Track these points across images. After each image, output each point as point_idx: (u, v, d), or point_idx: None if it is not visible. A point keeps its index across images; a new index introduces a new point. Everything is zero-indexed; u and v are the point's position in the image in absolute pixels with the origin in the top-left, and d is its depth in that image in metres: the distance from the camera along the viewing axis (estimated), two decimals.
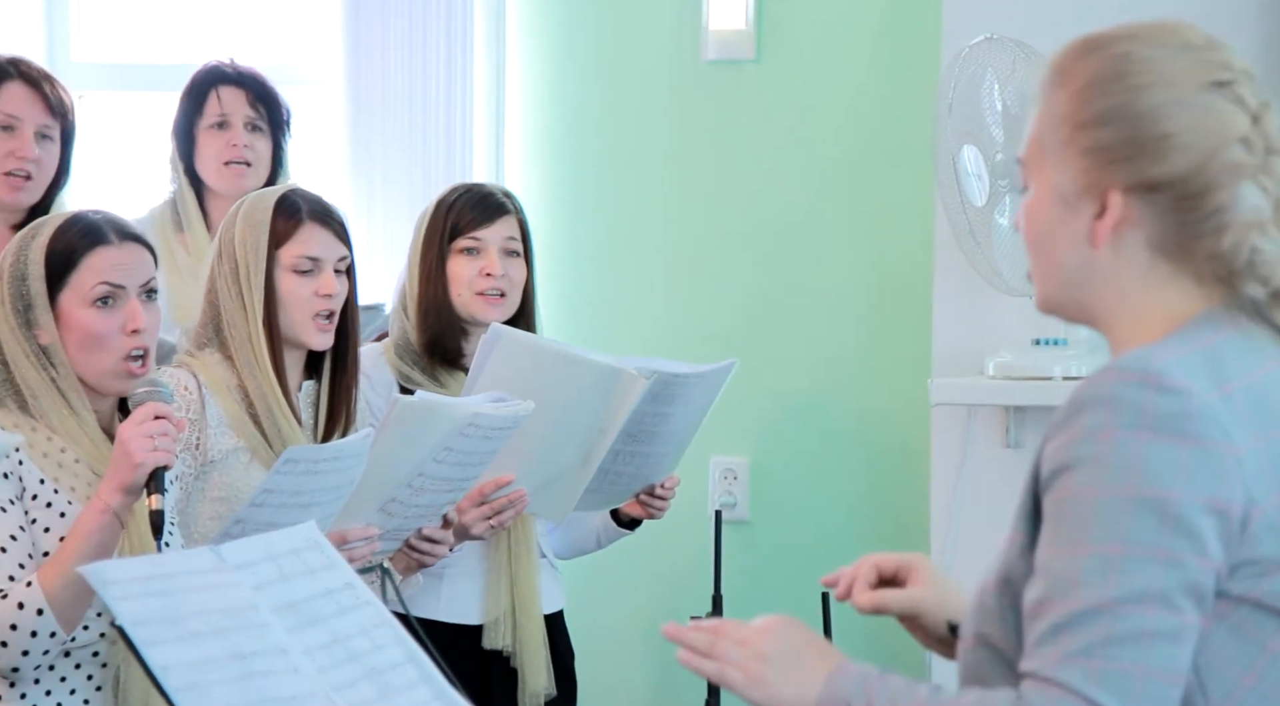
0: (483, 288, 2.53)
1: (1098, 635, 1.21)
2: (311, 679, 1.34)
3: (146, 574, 1.33)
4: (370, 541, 2.18)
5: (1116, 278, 1.33)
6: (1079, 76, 1.35)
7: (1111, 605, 1.21)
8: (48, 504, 1.96)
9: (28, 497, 1.95)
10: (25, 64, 2.66)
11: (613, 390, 2.41)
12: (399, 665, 1.43)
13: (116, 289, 2.00)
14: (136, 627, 1.27)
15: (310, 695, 1.32)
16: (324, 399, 2.31)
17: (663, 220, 3.47)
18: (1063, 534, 1.25)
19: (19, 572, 1.91)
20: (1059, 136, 1.35)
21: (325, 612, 1.42)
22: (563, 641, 2.68)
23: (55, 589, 1.87)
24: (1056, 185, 1.35)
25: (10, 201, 2.61)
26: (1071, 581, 1.23)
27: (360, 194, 3.40)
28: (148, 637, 1.27)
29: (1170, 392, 1.25)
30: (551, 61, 3.48)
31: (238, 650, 1.32)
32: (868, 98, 3.39)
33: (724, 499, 3.39)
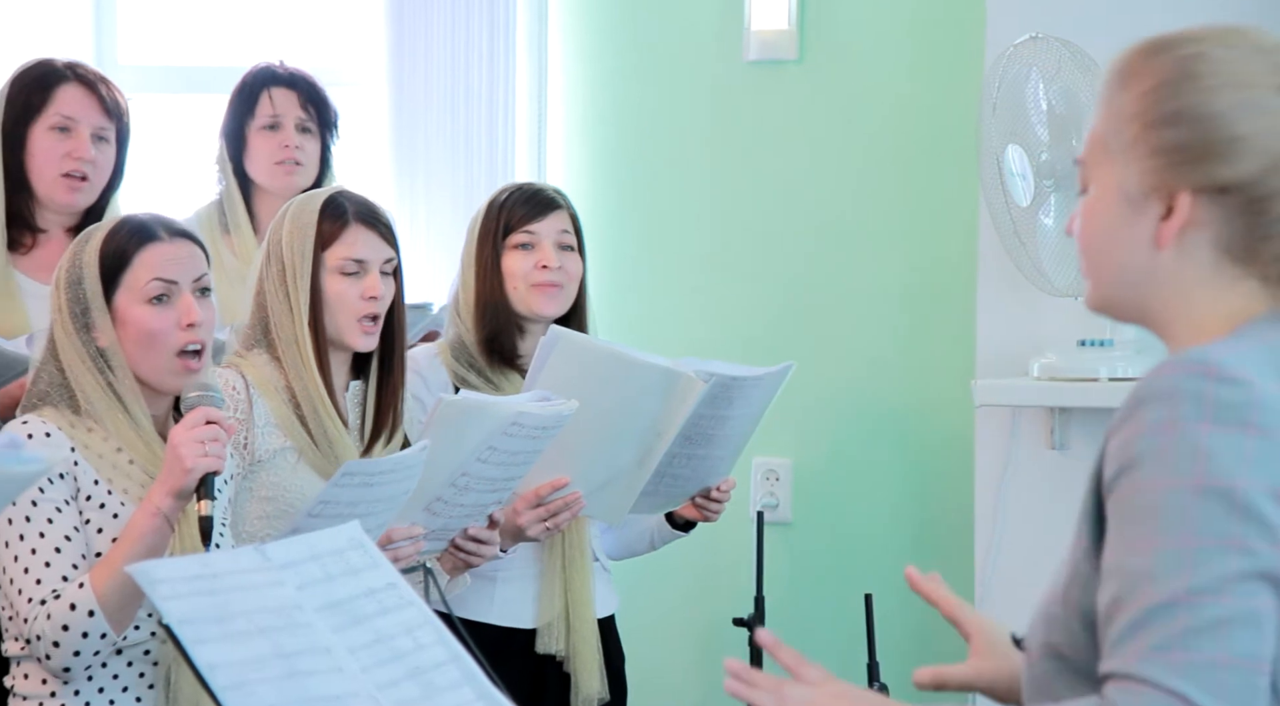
0: (539, 280, 2.54)
1: (1176, 628, 1.20)
2: (355, 678, 1.35)
3: (193, 573, 1.34)
4: (415, 541, 2.18)
5: (1179, 279, 1.33)
6: (1148, 77, 1.34)
7: (1187, 597, 1.21)
8: (101, 505, 1.98)
9: (81, 498, 1.97)
10: (81, 67, 2.69)
11: (670, 393, 2.41)
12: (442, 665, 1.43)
13: (169, 284, 2.02)
14: (183, 626, 1.28)
15: (354, 694, 1.33)
16: (370, 400, 2.32)
17: (704, 221, 3.46)
18: (1131, 531, 1.24)
19: (72, 573, 1.93)
20: (1125, 136, 1.34)
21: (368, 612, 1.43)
22: (614, 645, 2.67)
23: (106, 590, 1.89)
24: (1121, 185, 1.34)
25: (67, 203, 2.64)
26: (1144, 576, 1.22)
27: (403, 194, 3.41)
28: (194, 636, 1.28)
29: (1231, 383, 1.24)
30: (593, 63, 3.48)
31: (282, 649, 1.32)
32: (911, 98, 3.38)
33: (766, 500, 3.38)
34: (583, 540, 2.59)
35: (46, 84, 2.63)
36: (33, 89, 2.63)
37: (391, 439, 2.32)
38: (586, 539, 2.60)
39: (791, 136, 3.42)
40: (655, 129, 3.47)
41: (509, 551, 2.45)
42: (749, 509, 3.30)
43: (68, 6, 3.61)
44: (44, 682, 1.96)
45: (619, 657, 2.69)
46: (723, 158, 3.44)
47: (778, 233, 3.43)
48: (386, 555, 1.58)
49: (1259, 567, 1.22)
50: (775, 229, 3.43)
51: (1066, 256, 2.91)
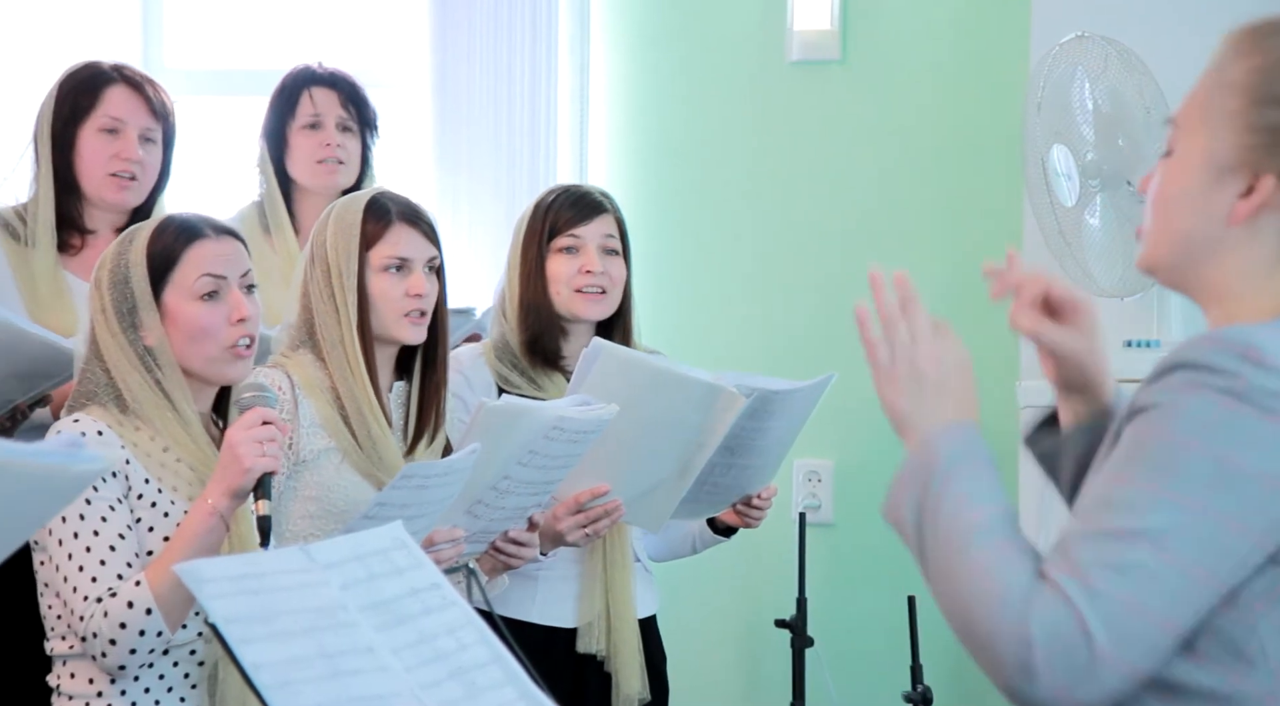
0: (582, 284, 2.54)
1: (1109, 558, 1.24)
2: (399, 677, 1.35)
3: (239, 573, 1.35)
4: (457, 543, 2.19)
5: (1242, 256, 1.33)
6: (1267, 53, 1.33)
7: (1131, 535, 1.24)
8: (152, 503, 1.99)
9: (133, 496, 1.98)
10: (128, 69, 2.71)
11: (712, 406, 2.41)
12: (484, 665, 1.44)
13: (219, 280, 2.03)
14: (229, 625, 1.29)
15: (397, 694, 1.34)
16: (414, 399, 2.33)
17: (747, 222, 3.46)
18: (1120, 463, 1.28)
19: (126, 571, 1.94)
20: (1229, 105, 1.33)
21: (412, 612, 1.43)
22: (655, 645, 2.68)
23: (163, 588, 1.90)
24: (1210, 153, 1.34)
25: (115, 203, 2.66)
26: (1108, 503, 1.26)
27: (446, 196, 3.42)
28: (240, 635, 1.29)
29: (1268, 370, 1.25)
30: (635, 63, 3.48)
31: (326, 648, 1.33)
32: (954, 98, 3.36)
33: (808, 501, 3.38)
34: (624, 541, 2.59)
35: (94, 86, 2.66)
36: (81, 91, 2.65)
37: (434, 438, 2.33)
38: (628, 539, 2.61)
39: (834, 137, 3.41)
40: (697, 130, 3.46)
41: (549, 555, 2.45)
42: (791, 510, 3.30)
43: (116, 11, 3.64)
44: (90, 682, 1.97)
45: (660, 658, 2.69)
46: (765, 159, 3.44)
47: (820, 233, 3.42)
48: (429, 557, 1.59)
49: (1214, 541, 1.23)
50: (817, 229, 3.42)
51: (1113, 257, 2.89)
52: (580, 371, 2.37)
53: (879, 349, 1.41)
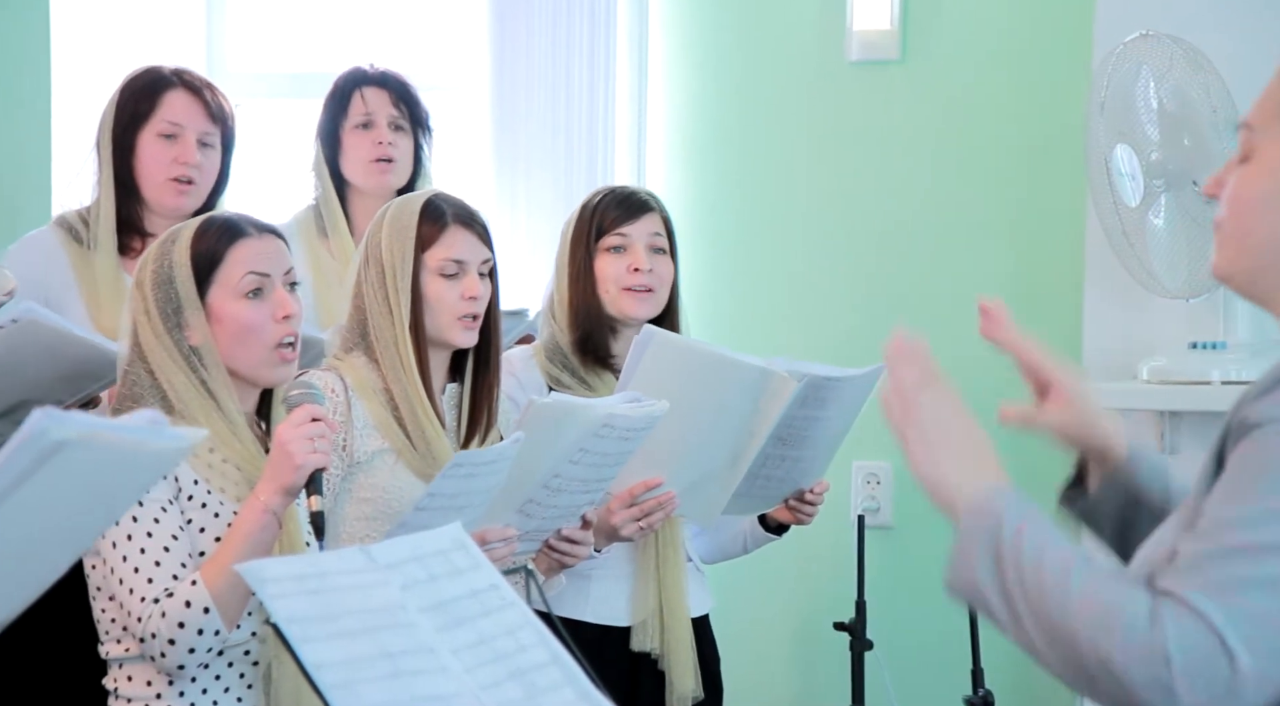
0: (630, 283, 2.54)
1: (1240, 573, 1.22)
2: (459, 678, 1.35)
3: (301, 572, 1.36)
4: (509, 542, 2.19)
5: None
6: None
7: (1261, 549, 1.22)
8: (202, 504, 2.00)
9: (183, 498, 1.99)
10: (188, 73, 2.73)
11: (762, 392, 2.39)
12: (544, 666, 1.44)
13: (263, 278, 2.03)
14: (291, 625, 1.30)
15: (458, 694, 1.34)
16: (466, 400, 2.33)
17: (805, 222, 3.44)
18: (1233, 484, 1.26)
19: (181, 572, 1.95)
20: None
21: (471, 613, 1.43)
22: (709, 644, 2.67)
23: (219, 587, 1.91)
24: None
25: (174, 207, 2.68)
26: (1229, 522, 1.24)
27: (504, 197, 3.43)
28: (302, 635, 1.29)
29: None
30: (694, 64, 3.48)
31: (387, 649, 1.33)
32: (1016, 97, 3.33)
33: (867, 503, 3.36)
34: (676, 539, 2.59)
35: (154, 91, 2.68)
36: (141, 96, 2.68)
37: (486, 438, 2.33)
38: (680, 537, 2.60)
39: (894, 137, 3.39)
40: (756, 131, 3.45)
41: (603, 551, 2.45)
42: (849, 512, 3.28)
43: (180, 16, 3.68)
44: (149, 684, 1.97)
45: (714, 657, 2.68)
46: (824, 159, 3.42)
47: (879, 234, 3.40)
48: None
49: None
50: (877, 231, 3.40)
51: (1177, 258, 2.86)
52: (631, 359, 2.36)
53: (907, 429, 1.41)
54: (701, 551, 2.72)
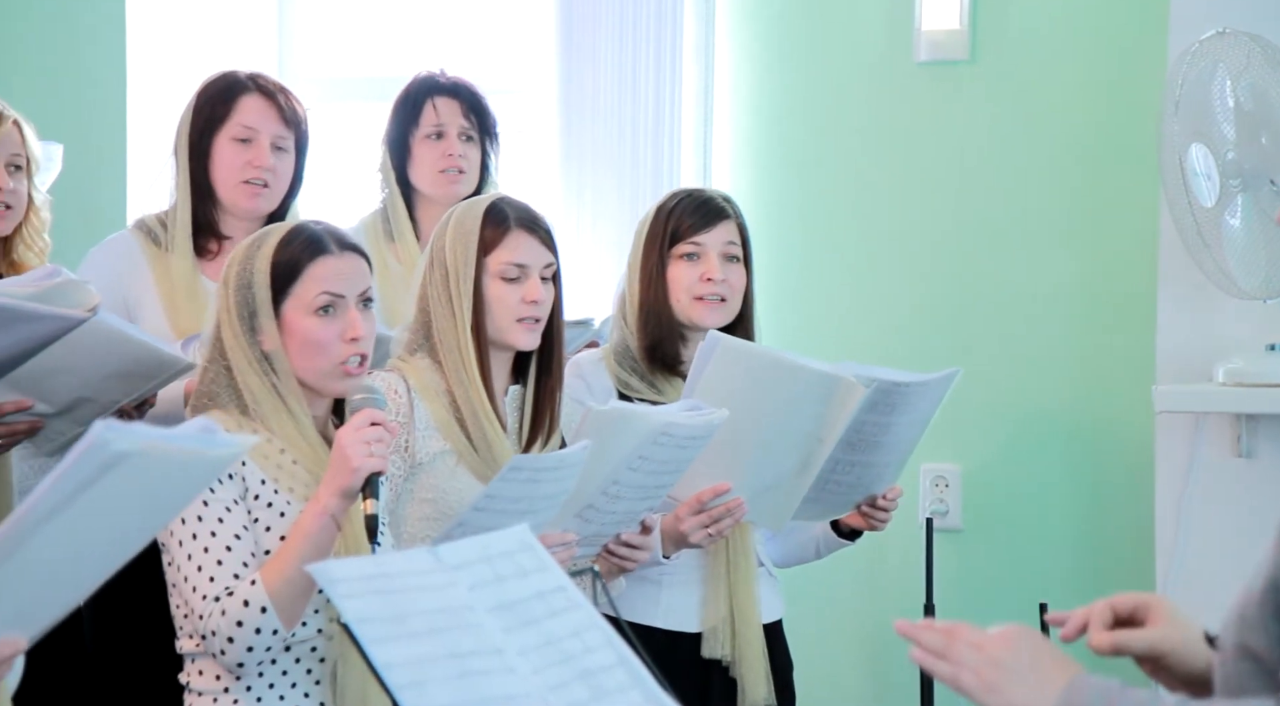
0: (703, 293, 2.53)
1: None
2: (526, 679, 1.35)
3: (370, 573, 1.37)
4: (569, 546, 2.19)
5: None
6: None
7: None
8: (268, 504, 2.02)
9: (249, 497, 2.02)
10: (262, 77, 2.76)
11: (831, 397, 2.38)
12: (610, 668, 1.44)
13: (336, 298, 2.06)
14: (361, 625, 1.31)
15: (526, 695, 1.34)
16: (529, 403, 2.34)
17: (874, 224, 3.42)
18: None
19: (243, 571, 1.97)
20: None
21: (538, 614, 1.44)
22: (781, 651, 2.65)
23: (277, 587, 1.93)
24: None
25: (249, 210, 2.71)
26: None
27: (570, 201, 3.44)
28: (372, 635, 1.30)
29: None
30: (760, 66, 3.47)
31: (456, 649, 1.34)
32: (1088, 97, 3.30)
33: (935, 506, 3.33)
34: (747, 545, 2.57)
35: (229, 95, 2.71)
36: (216, 101, 2.71)
37: (548, 441, 2.34)
38: (751, 543, 2.59)
39: (963, 139, 3.36)
40: (823, 133, 3.44)
41: (671, 557, 2.45)
42: (918, 515, 3.26)
43: (252, 21, 3.73)
44: (218, 679, 2.00)
45: (786, 664, 2.67)
46: (892, 161, 3.40)
47: (950, 236, 3.37)
48: None
49: None
50: (947, 232, 3.37)
51: (1254, 258, 2.81)
52: (697, 364, 2.36)
53: (961, 676, 1.36)
54: (774, 556, 2.71)
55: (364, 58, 3.78)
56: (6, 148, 2.53)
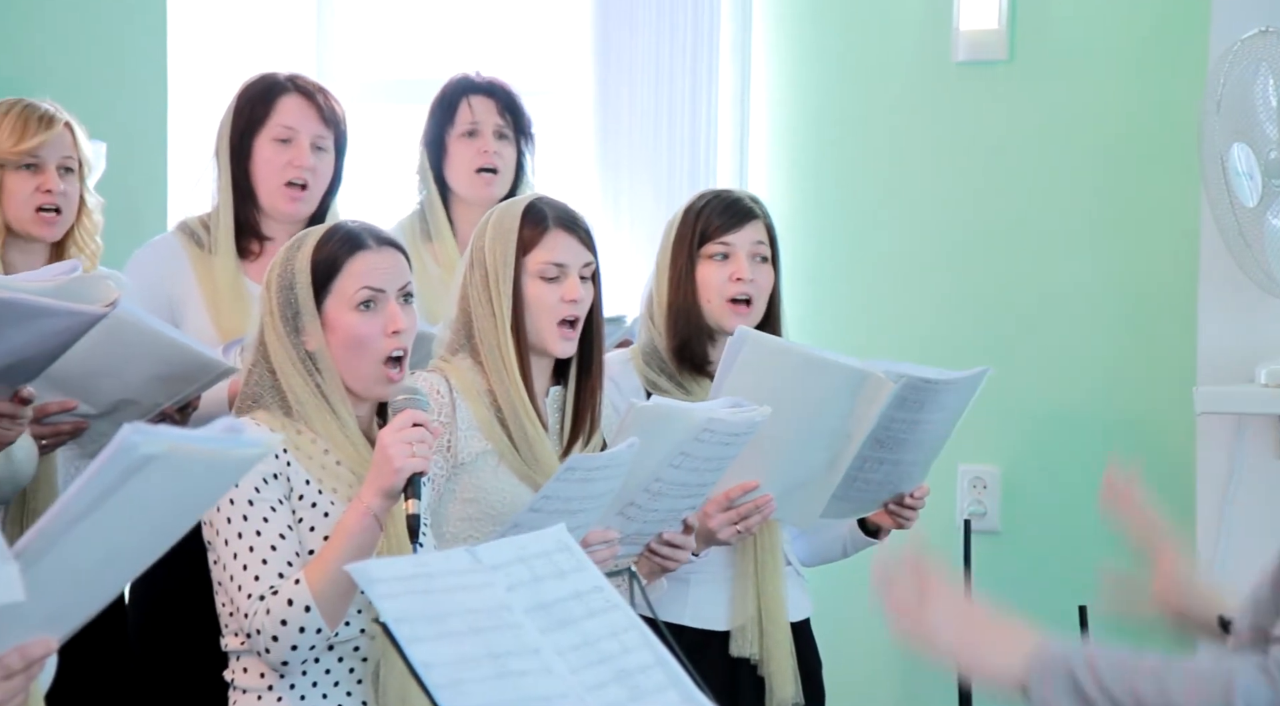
0: (732, 293, 2.53)
1: None
2: (564, 679, 1.36)
3: (409, 573, 1.38)
4: (610, 545, 2.20)
5: None
6: None
7: None
8: (312, 504, 2.04)
9: (294, 497, 2.03)
10: (301, 78, 2.78)
11: (859, 393, 2.37)
12: (648, 668, 1.44)
13: (377, 292, 2.07)
14: (400, 624, 1.31)
15: (564, 695, 1.34)
16: (569, 404, 2.34)
17: (912, 225, 3.41)
18: None
19: (287, 570, 1.99)
20: None
21: (576, 614, 1.44)
22: (809, 649, 2.65)
23: (321, 587, 1.94)
24: None
25: (289, 211, 2.73)
26: None
27: (607, 202, 3.44)
28: (410, 635, 1.31)
29: None
30: (798, 66, 3.46)
31: (494, 649, 1.34)
32: (1128, 96, 3.28)
33: (973, 508, 3.32)
34: (775, 543, 2.57)
35: (269, 96, 2.73)
36: (256, 102, 2.73)
37: (589, 441, 2.34)
38: (779, 541, 2.59)
39: (1002, 139, 3.34)
40: (861, 133, 3.43)
41: (701, 554, 2.45)
42: (955, 517, 3.24)
43: (292, 24, 3.75)
44: (262, 676, 2.02)
45: (815, 662, 2.67)
46: (931, 161, 3.39)
47: (989, 237, 3.36)
48: None
49: None
50: (987, 233, 3.36)
51: None
52: (725, 360, 2.36)
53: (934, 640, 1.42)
54: (801, 555, 2.70)
55: (402, 59, 3.80)
56: (58, 150, 2.55)
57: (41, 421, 2.36)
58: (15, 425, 2.24)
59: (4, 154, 2.50)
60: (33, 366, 2.21)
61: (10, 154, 2.50)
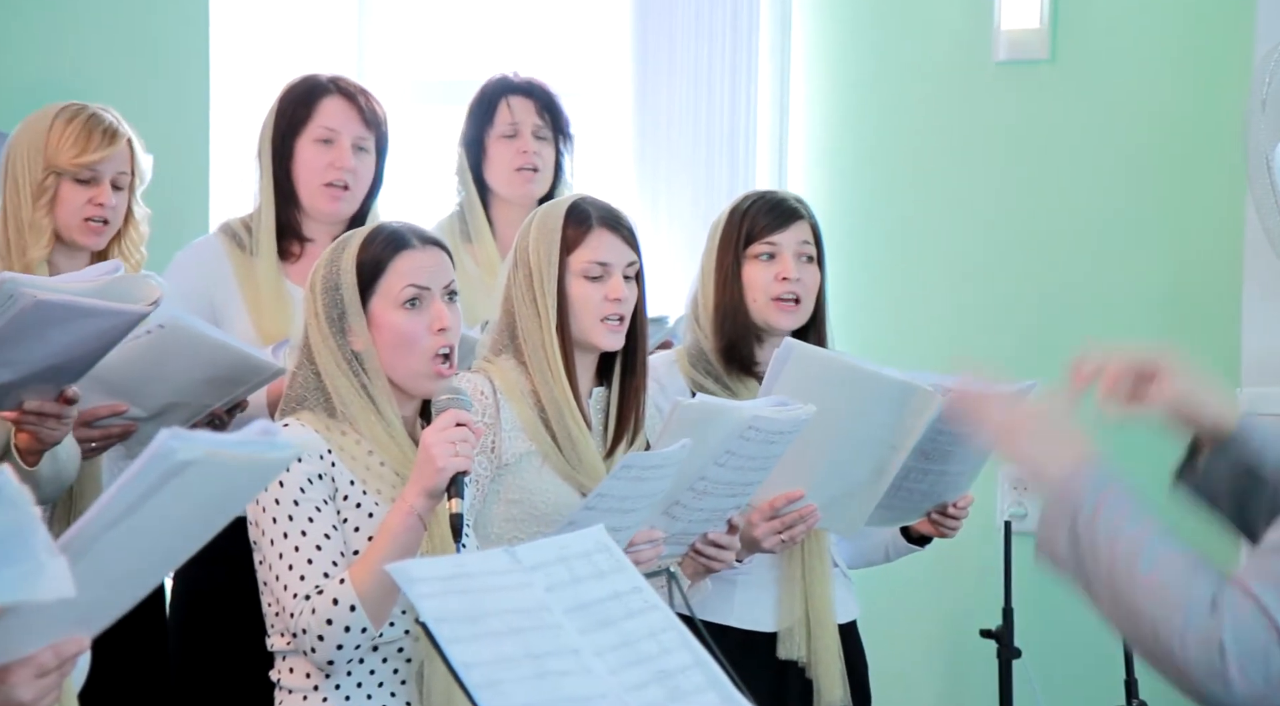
0: (778, 293, 2.53)
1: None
2: (603, 680, 1.36)
3: (448, 573, 1.38)
4: (655, 544, 2.20)
5: None
6: None
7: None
8: (357, 504, 2.05)
9: (339, 498, 2.04)
10: (342, 80, 2.79)
11: (906, 406, 2.37)
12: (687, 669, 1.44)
13: (422, 290, 2.08)
14: (439, 625, 1.32)
15: (603, 696, 1.35)
16: (614, 404, 2.34)
17: (952, 227, 3.40)
18: None
19: (333, 570, 2.00)
20: None
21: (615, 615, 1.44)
22: (857, 651, 2.65)
23: (366, 587, 1.95)
24: None
25: (330, 212, 2.74)
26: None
27: (646, 202, 3.45)
28: (450, 635, 1.31)
29: None
30: (838, 65, 3.45)
31: (533, 649, 1.35)
32: (1172, 96, 3.25)
33: (1014, 509, 3.30)
34: (822, 546, 2.57)
35: (311, 98, 2.74)
36: (298, 103, 2.74)
37: (633, 442, 2.34)
38: (826, 544, 2.58)
39: (1044, 139, 3.32)
40: (900, 133, 3.42)
41: (744, 561, 2.44)
42: (996, 518, 3.23)
43: (333, 25, 3.77)
44: (308, 677, 2.03)
45: (862, 664, 2.66)
46: (971, 162, 3.37)
47: (1028, 238, 3.34)
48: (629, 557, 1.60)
49: None
50: (1026, 235, 3.34)
51: None
52: (772, 372, 2.36)
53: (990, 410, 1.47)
54: (843, 556, 2.70)
55: (443, 61, 3.81)
56: (115, 165, 2.57)
57: (92, 424, 2.38)
58: (61, 425, 2.27)
59: (64, 164, 2.52)
60: (78, 366, 2.23)
61: (70, 165, 2.52)
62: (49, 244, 2.53)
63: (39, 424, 2.24)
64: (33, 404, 2.23)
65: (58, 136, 2.52)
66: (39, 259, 2.51)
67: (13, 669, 1.40)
